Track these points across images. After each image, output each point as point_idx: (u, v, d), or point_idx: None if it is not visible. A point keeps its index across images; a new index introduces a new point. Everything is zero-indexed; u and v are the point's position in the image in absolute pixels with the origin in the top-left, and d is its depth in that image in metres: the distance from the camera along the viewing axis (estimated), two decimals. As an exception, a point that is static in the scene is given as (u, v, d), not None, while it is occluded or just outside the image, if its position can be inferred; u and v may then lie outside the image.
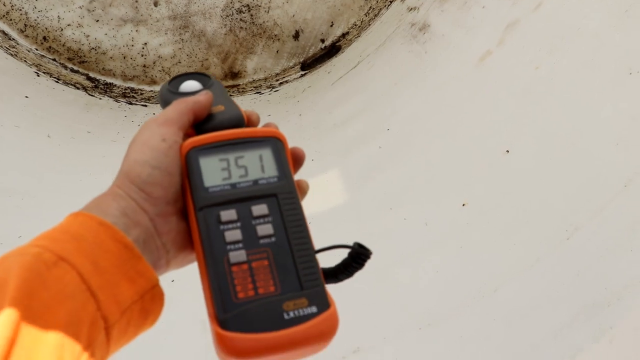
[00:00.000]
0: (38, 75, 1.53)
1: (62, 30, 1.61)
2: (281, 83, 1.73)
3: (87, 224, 0.41)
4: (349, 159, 1.17)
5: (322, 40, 1.80)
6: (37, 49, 1.61)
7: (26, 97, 1.41)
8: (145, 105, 1.61)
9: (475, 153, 0.98)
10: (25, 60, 1.54)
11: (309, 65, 1.77)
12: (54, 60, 1.62)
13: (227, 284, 0.42)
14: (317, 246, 0.46)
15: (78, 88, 1.59)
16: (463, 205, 0.91)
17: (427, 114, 1.15)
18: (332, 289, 0.45)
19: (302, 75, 1.74)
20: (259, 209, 0.45)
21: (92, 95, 1.60)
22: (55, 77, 1.57)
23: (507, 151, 0.92)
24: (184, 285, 0.80)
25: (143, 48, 1.69)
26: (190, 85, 0.54)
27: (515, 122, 0.95)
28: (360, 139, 1.20)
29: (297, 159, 0.51)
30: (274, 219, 0.45)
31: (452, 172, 0.99)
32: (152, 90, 1.70)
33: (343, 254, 0.47)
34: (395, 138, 1.15)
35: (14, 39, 1.58)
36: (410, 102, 1.21)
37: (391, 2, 1.76)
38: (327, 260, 0.48)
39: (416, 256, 0.89)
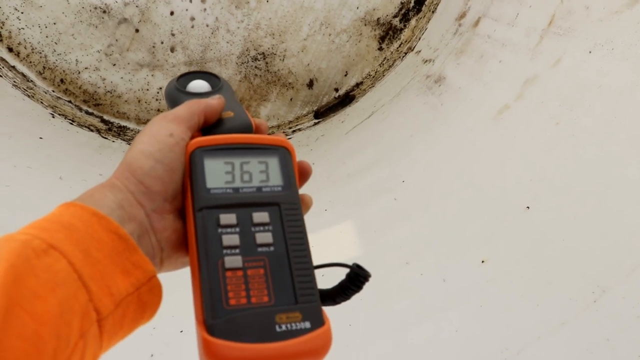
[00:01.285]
0: (53, 117, 1.53)
1: (79, 73, 1.63)
2: (294, 131, 1.73)
3: (79, 214, 0.39)
4: (364, 211, 1.15)
5: (336, 90, 1.81)
6: (54, 91, 1.62)
7: (40, 138, 1.41)
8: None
9: (494, 208, 0.96)
10: (41, 102, 1.55)
11: (322, 113, 1.78)
12: (70, 102, 1.63)
13: (220, 289, 0.40)
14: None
15: (92, 130, 1.59)
16: (482, 261, 0.89)
17: (444, 166, 1.13)
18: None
19: (315, 124, 1.75)
20: (260, 216, 0.44)
21: (105, 138, 1.60)
22: (70, 119, 1.57)
23: (528, 207, 0.90)
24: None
25: (158, 92, 1.70)
26: (199, 85, 0.53)
27: (535, 178, 0.93)
28: (375, 190, 1.19)
29: (304, 173, 0.50)
30: (274, 228, 0.44)
31: (471, 226, 0.96)
32: (165, 135, 1.70)
33: (342, 273, 0.46)
34: (411, 190, 1.13)
35: (32, 81, 1.59)
36: (426, 154, 1.20)
37: (406, 53, 1.78)
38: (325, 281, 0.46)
39: (434, 314, 0.85)
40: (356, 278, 0.45)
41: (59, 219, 0.39)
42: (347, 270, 0.46)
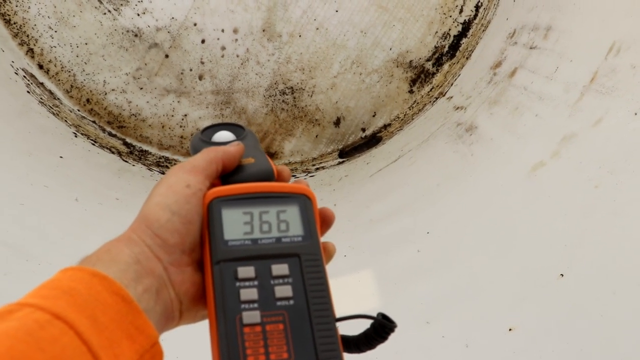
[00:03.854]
0: (76, 136, 1.52)
1: (106, 94, 1.62)
2: (317, 168, 1.70)
3: (78, 276, 0.37)
4: (384, 260, 1.10)
5: (363, 130, 1.78)
6: (79, 110, 1.61)
7: (60, 157, 1.39)
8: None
9: (524, 272, 0.90)
10: (65, 120, 1.54)
11: (347, 153, 1.74)
12: (94, 122, 1.62)
13: (237, 346, 0.39)
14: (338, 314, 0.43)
15: (113, 152, 1.57)
16: (510, 329, 0.83)
17: (472, 221, 1.08)
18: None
19: (339, 163, 1.71)
20: (279, 268, 0.43)
21: (125, 161, 1.58)
22: (92, 139, 1.56)
23: (562, 275, 0.85)
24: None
25: (182, 119, 1.68)
26: (223, 135, 0.53)
27: (571, 243, 0.87)
28: (398, 240, 1.14)
29: (326, 220, 0.49)
30: (294, 281, 0.43)
31: (498, 290, 0.91)
32: (186, 162, 1.67)
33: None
34: (436, 243, 1.08)
35: (58, 99, 1.58)
36: (454, 206, 1.15)
37: (437, 98, 1.74)
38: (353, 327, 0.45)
39: (455, 383, 0.80)
40: (381, 329, 0.44)
41: (58, 284, 0.36)
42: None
